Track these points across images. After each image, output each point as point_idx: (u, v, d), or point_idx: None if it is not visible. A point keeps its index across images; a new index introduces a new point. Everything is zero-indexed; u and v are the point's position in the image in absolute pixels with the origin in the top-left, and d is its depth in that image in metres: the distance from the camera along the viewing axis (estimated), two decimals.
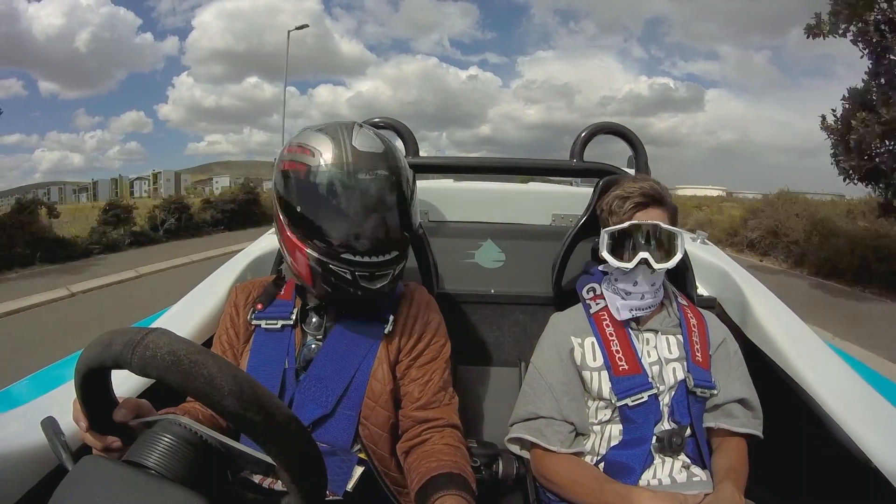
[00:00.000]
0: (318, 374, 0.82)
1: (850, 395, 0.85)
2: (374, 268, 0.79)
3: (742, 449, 0.91)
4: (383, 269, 0.80)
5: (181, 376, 0.43)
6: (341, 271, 0.78)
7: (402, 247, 0.82)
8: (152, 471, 0.48)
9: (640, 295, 0.94)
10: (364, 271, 0.78)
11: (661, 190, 0.95)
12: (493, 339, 1.30)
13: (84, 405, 0.53)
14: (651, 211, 0.94)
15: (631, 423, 0.90)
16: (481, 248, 1.38)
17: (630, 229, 0.93)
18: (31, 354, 3.31)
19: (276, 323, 0.87)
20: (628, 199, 0.94)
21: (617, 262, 0.93)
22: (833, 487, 0.84)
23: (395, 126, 1.28)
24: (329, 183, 0.76)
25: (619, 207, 0.95)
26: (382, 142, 0.81)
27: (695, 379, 0.91)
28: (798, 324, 1.05)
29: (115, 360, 0.45)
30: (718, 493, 0.80)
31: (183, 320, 0.99)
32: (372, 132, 0.81)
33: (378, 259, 0.79)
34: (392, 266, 0.81)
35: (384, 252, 0.79)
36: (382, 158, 0.78)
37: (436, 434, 0.82)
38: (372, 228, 0.77)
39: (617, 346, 0.94)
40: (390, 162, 0.79)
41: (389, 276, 0.81)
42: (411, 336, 0.88)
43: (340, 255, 0.77)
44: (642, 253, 0.90)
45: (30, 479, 0.65)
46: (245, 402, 0.43)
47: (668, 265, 0.92)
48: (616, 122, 1.32)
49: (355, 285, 0.79)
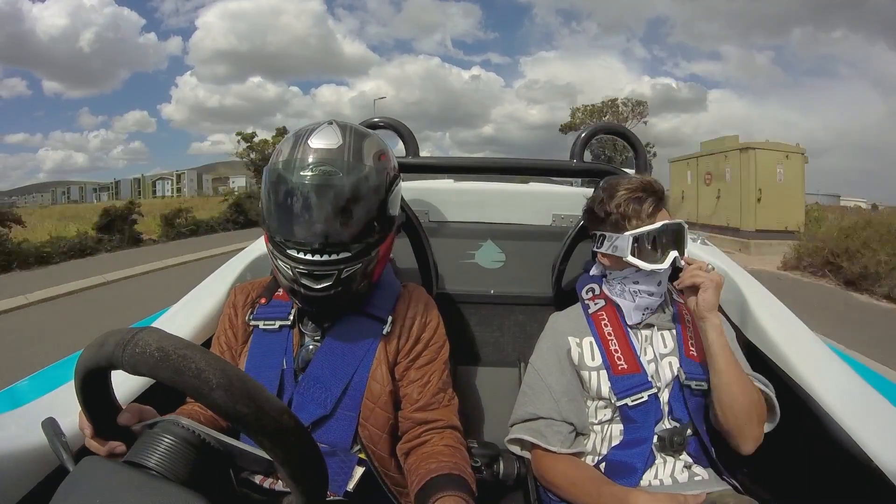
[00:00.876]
0: (317, 375, 0.82)
1: (851, 395, 0.85)
2: (313, 266, 0.76)
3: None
4: (325, 268, 0.77)
5: (170, 371, 0.43)
6: (285, 267, 0.79)
7: (353, 249, 0.78)
8: (153, 471, 0.48)
9: (649, 293, 0.93)
10: (304, 269, 0.77)
11: (661, 186, 0.95)
12: (493, 340, 1.30)
13: (85, 407, 0.53)
14: (663, 210, 0.94)
15: (631, 423, 0.90)
16: (481, 249, 1.38)
17: (660, 230, 0.91)
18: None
19: (274, 323, 0.87)
20: (644, 200, 0.92)
21: (649, 264, 0.90)
22: (833, 487, 0.84)
23: (395, 126, 1.28)
24: (276, 179, 0.78)
25: (636, 209, 0.92)
26: (347, 139, 0.78)
27: (686, 372, 0.91)
28: (798, 324, 1.05)
29: (108, 360, 0.46)
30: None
31: (182, 321, 0.99)
32: (337, 130, 0.79)
33: (320, 258, 0.76)
34: (336, 267, 0.77)
35: (327, 251, 0.76)
36: (335, 154, 0.76)
37: (435, 435, 0.82)
38: (308, 225, 0.76)
39: (616, 346, 0.94)
40: (345, 158, 0.77)
41: (333, 277, 0.77)
42: (409, 337, 0.87)
43: (286, 250, 0.77)
44: (673, 252, 0.90)
45: (30, 480, 0.65)
46: (234, 395, 0.43)
47: (684, 260, 0.91)
48: (616, 123, 1.32)
49: (297, 283, 0.78)
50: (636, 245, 0.91)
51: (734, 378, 0.85)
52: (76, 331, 3.97)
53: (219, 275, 1.17)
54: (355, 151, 0.78)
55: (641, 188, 0.93)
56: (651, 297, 0.93)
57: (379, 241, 0.82)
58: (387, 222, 0.82)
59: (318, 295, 0.78)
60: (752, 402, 0.86)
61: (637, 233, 0.91)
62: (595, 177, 1.23)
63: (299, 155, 0.77)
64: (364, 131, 0.83)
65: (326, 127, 0.80)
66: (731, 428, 0.87)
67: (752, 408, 0.86)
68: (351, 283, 0.80)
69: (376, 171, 0.79)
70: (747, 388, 0.86)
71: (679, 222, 0.92)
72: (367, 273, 0.82)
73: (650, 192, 0.93)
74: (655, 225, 0.90)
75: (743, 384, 0.86)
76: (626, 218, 0.92)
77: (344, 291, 0.79)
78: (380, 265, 0.85)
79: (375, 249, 0.81)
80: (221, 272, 1.18)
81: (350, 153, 0.78)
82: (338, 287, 0.78)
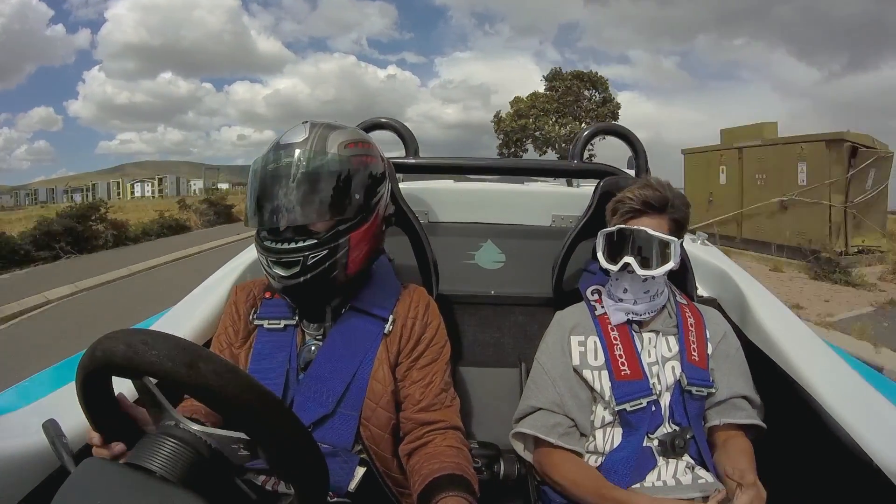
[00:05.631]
0: (318, 374, 0.82)
1: (851, 394, 0.85)
2: (280, 254, 0.79)
3: (749, 445, 0.91)
4: (291, 255, 0.78)
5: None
6: (261, 259, 0.82)
7: (318, 235, 0.79)
8: (154, 473, 0.48)
9: (632, 300, 0.95)
10: (273, 257, 0.79)
11: (667, 198, 0.94)
12: (493, 340, 1.30)
13: (86, 408, 0.53)
14: (646, 219, 0.94)
15: (631, 427, 0.91)
16: (481, 249, 1.38)
17: (619, 233, 0.94)
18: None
19: (279, 323, 0.87)
20: (626, 205, 0.95)
21: (606, 263, 0.95)
22: (833, 487, 0.84)
23: (396, 127, 1.29)
24: (251, 177, 0.83)
25: (615, 211, 0.97)
26: (314, 132, 0.81)
27: (688, 377, 0.92)
28: (798, 324, 1.05)
29: (105, 365, 0.48)
30: (746, 481, 0.77)
31: (183, 321, 0.99)
32: (307, 127, 0.82)
33: (285, 246, 0.79)
34: (301, 254, 0.78)
35: (295, 240, 0.78)
36: (299, 146, 0.79)
37: (438, 436, 0.82)
38: (269, 210, 0.79)
39: (620, 350, 0.94)
40: (307, 148, 0.79)
41: (299, 264, 0.78)
42: (411, 338, 0.87)
43: (262, 242, 0.81)
44: (627, 257, 0.92)
45: (31, 481, 0.65)
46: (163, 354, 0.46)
47: (653, 272, 0.91)
48: (616, 123, 1.32)
49: (271, 272, 0.81)
50: (605, 244, 0.97)
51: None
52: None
53: (219, 275, 1.17)
54: (319, 140, 0.81)
55: (635, 194, 0.95)
56: (635, 305, 0.95)
57: (349, 228, 0.81)
58: (357, 209, 0.81)
59: (289, 283, 0.80)
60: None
61: (604, 231, 0.97)
62: (595, 177, 1.23)
63: (270, 152, 0.81)
64: (337, 125, 0.85)
65: (299, 126, 0.84)
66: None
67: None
68: (318, 269, 0.80)
69: (339, 158, 0.80)
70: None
71: (639, 228, 0.92)
72: (339, 261, 0.81)
73: (638, 199, 0.94)
74: (613, 228, 0.96)
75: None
76: (611, 216, 0.99)
77: (314, 279, 0.80)
78: (355, 254, 0.83)
79: (345, 237, 0.80)
80: (222, 272, 1.18)
81: (312, 143, 0.80)
82: (305, 274, 0.79)
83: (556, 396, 0.93)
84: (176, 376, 0.45)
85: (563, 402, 0.92)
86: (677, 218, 0.95)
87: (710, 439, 0.94)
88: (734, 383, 0.94)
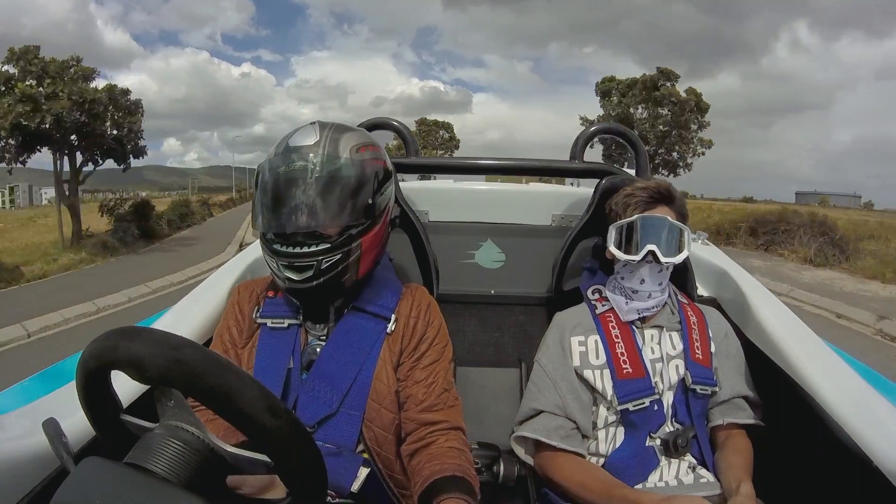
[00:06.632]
0: (322, 373, 0.82)
1: (851, 394, 0.85)
2: (293, 258, 0.79)
3: (750, 445, 0.92)
4: (304, 260, 0.78)
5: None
6: (271, 262, 0.82)
7: (331, 240, 0.79)
8: (154, 473, 0.48)
9: (647, 294, 0.94)
10: (286, 261, 0.79)
11: (671, 189, 0.96)
12: (493, 340, 1.30)
13: (86, 407, 0.53)
14: (659, 208, 0.95)
15: (633, 427, 0.90)
16: (481, 249, 1.38)
17: (637, 223, 0.93)
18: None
19: (283, 322, 0.87)
20: (637, 197, 0.95)
21: (624, 254, 0.93)
22: (833, 487, 0.84)
23: (396, 127, 1.29)
24: (259, 179, 0.82)
25: (627, 205, 0.96)
26: (325, 134, 0.80)
27: (693, 376, 0.91)
28: (798, 324, 1.05)
29: (101, 363, 0.49)
30: (741, 492, 0.79)
31: (183, 320, 0.98)
32: (317, 128, 0.82)
33: (298, 250, 0.78)
34: (315, 258, 0.78)
35: (307, 244, 0.78)
36: (311, 149, 0.79)
37: (440, 437, 0.81)
38: (282, 216, 0.78)
39: (622, 349, 0.94)
40: (319, 151, 0.79)
41: (313, 268, 0.79)
42: (413, 337, 0.87)
43: (272, 245, 0.80)
44: (650, 245, 0.90)
45: (31, 481, 0.65)
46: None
47: (676, 259, 0.92)
48: (617, 124, 1.32)
49: (282, 276, 0.81)
50: (618, 237, 0.95)
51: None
52: None
53: (220, 275, 1.17)
54: (331, 144, 0.80)
55: (642, 186, 0.96)
56: (649, 300, 0.94)
57: (361, 232, 0.81)
58: (368, 213, 0.82)
59: (301, 287, 0.80)
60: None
61: (618, 224, 0.95)
62: (595, 177, 1.23)
63: (280, 153, 0.80)
64: (346, 127, 0.85)
65: (308, 127, 0.83)
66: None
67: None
68: (331, 273, 0.80)
69: (352, 162, 0.80)
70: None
71: (660, 216, 0.93)
72: (351, 265, 0.82)
73: (647, 191, 0.95)
74: (632, 217, 0.94)
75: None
76: (619, 213, 0.97)
77: (326, 283, 0.80)
78: (366, 257, 0.84)
79: (357, 241, 0.81)
80: (222, 272, 1.18)
81: (325, 147, 0.80)
82: (318, 278, 0.79)
83: (558, 398, 0.93)
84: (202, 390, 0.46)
85: (565, 404, 0.92)
86: (682, 210, 0.97)
87: (712, 439, 0.94)
88: (737, 382, 0.95)
